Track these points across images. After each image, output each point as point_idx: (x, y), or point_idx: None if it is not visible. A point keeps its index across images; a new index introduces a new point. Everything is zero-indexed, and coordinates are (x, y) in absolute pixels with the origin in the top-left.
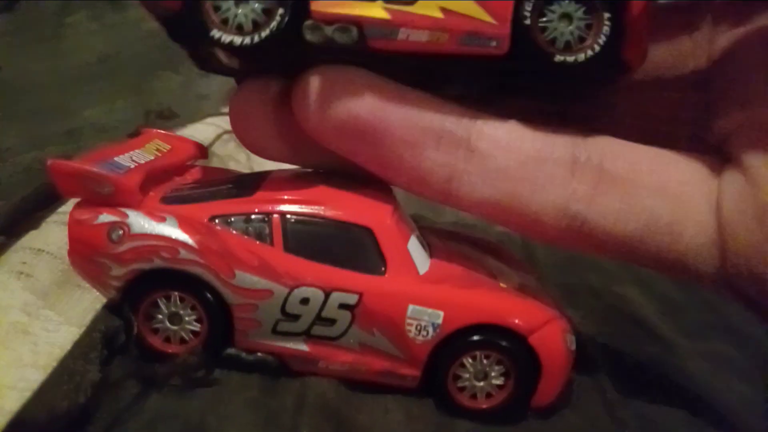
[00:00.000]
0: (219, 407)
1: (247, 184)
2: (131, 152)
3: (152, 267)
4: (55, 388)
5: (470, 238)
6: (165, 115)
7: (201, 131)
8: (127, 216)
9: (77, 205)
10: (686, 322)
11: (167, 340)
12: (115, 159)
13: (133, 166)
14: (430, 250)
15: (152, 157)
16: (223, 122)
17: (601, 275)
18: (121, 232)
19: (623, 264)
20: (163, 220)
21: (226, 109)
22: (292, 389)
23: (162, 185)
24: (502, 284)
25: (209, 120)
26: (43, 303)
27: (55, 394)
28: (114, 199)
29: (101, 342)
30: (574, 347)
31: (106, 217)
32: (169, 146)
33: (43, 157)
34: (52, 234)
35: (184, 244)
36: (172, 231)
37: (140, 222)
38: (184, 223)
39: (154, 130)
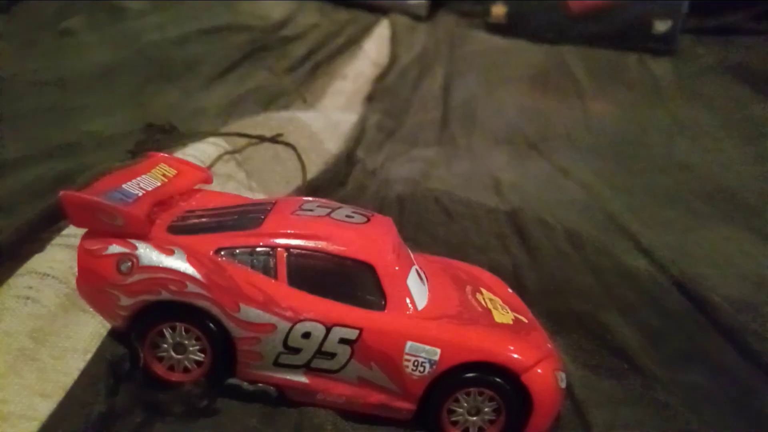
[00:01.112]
0: None
1: (253, 214)
2: (138, 178)
3: (159, 299)
4: (65, 421)
5: (465, 268)
6: (165, 129)
7: (202, 150)
8: (136, 248)
9: (86, 235)
10: (665, 352)
11: (171, 368)
12: (123, 186)
13: (141, 194)
14: (428, 282)
15: (159, 183)
16: (224, 142)
17: (585, 302)
18: (130, 263)
19: (607, 291)
20: (171, 253)
21: (226, 128)
22: (290, 419)
23: (169, 211)
24: (496, 319)
25: (211, 140)
26: (50, 329)
27: (65, 426)
28: (123, 230)
29: (107, 371)
30: (564, 385)
31: (115, 248)
32: (175, 171)
33: (45, 174)
34: (57, 257)
35: (191, 278)
36: (180, 264)
37: (149, 255)
38: (192, 256)
39: (160, 154)
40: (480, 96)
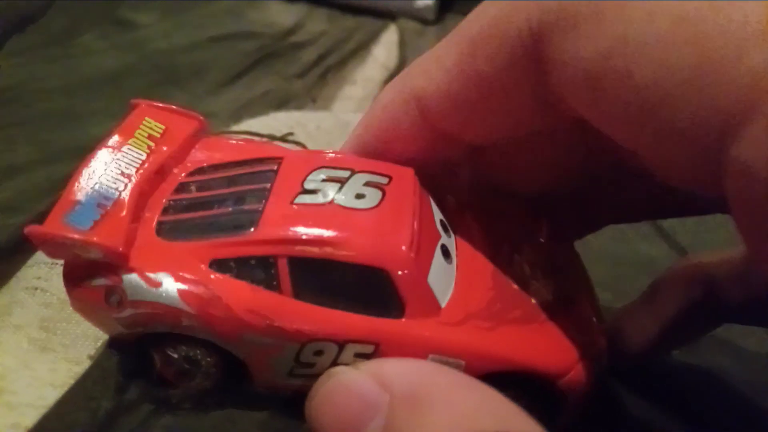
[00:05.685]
0: (229, 425)
1: (250, 203)
2: (120, 154)
3: (157, 331)
4: (70, 412)
5: (499, 209)
6: None
7: None
8: (121, 281)
9: (68, 264)
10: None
11: (182, 374)
12: (100, 183)
13: (124, 197)
14: (458, 255)
15: (144, 155)
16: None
17: (604, 291)
18: (119, 297)
19: (625, 280)
20: (159, 285)
21: (234, 126)
22: (303, 409)
23: (160, 191)
24: (533, 299)
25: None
26: (59, 316)
27: (71, 417)
28: (104, 261)
29: (118, 367)
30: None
31: (100, 280)
32: (163, 126)
33: (54, 174)
34: None
35: (185, 312)
36: (171, 298)
37: (136, 288)
38: (183, 286)
39: (144, 103)
40: None
